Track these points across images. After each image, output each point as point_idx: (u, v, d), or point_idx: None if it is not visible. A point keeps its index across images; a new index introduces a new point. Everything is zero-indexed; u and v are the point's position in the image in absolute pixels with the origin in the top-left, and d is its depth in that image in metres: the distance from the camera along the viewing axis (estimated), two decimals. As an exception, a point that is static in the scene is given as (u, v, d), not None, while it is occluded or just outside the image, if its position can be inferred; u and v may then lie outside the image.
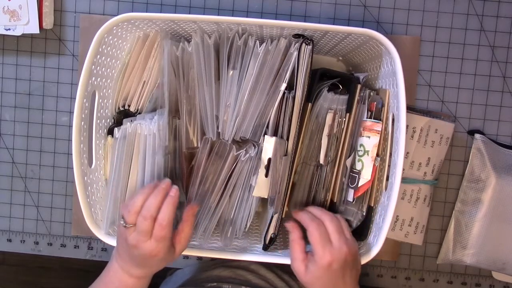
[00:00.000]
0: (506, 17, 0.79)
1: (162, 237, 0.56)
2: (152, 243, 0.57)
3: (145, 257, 0.58)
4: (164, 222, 0.56)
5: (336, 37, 0.66)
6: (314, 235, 0.57)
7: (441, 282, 0.84)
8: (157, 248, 0.57)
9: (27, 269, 1.39)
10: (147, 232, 0.56)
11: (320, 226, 0.58)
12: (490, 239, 0.77)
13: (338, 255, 0.57)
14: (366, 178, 0.63)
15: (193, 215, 0.61)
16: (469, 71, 0.80)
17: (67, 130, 0.83)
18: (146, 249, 0.57)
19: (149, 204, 0.57)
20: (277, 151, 0.62)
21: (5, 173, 0.85)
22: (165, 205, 0.57)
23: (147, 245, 0.57)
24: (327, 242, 0.57)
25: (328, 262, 0.56)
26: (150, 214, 0.56)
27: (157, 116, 0.65)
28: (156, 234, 0.56)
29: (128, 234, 0.57)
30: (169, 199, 0.58)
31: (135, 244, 0.57)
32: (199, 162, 0.67)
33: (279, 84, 0.62)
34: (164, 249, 0.58)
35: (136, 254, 0.58)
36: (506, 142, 0.81)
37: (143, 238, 0.56)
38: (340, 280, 0.58)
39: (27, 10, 0.76)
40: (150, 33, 0.69)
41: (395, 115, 0.61)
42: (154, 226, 0.56)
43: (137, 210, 0.57)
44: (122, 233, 0.58)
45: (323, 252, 0.56)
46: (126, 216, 0.57)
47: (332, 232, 0.58)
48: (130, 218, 0.57)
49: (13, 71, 0.82)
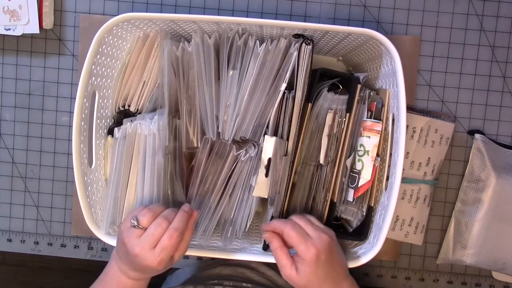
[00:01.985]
0: (506, 17, 0.79)
1: (168, 248, 0.56)
2: (155, 253, 0.56)
3: (145, 264, 0.57)
4: (174, 232, 0.56)
5: (336, 37, 0.66)
6: (292, 235, 0.57)
7: (441, 282, 0.84)
8: (158, 258, 0.56)
9: (27, 269, 1.39)
10: (155, 240, 0.56)
11: (294, 225, 0.58)
12: (490, 239, 0.77)
13: (321, 244, 0.57)
14: (366, 178, 0.63)
15: (194, 222, 0.61)
16: (469, 71, 0.80)
17: (67, 130, 0.83)
18: (148, 258, 0.56)
19: (168, 214, 0.58)
20: (277, 151, 0.62)
21: (5, 173, 0.85)
22: (179, 216, 0.58)
23: (150, 255, 0.56)
24: (306, 236, 0.57)
25: (315, 255, 0.56)
26: (166, 223, 0.56)
27: (157, 116, 0.65)
28: (163, 242, 0.55)
29: (132, 237, 0.56)
30: (187, 215, 0.58)
31: (137, 252, 0.56)
32: (199, 162, 0.67)
33: (279, 84, 0.62)
34: (165, 262, 0.57)
35: (135, 261, 0.57)
36: (506, 142, 0.81)
37: (148, 246, 0.56)
38: (331, 268, 0.58)
39: (27, 10, 0.76)
40: (150, 33, 0.69)
41: (395, 115, 0.61)
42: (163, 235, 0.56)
43: (155, 215, 0.57)
44: (125, 236, 0.57)
45: (306, 247, 0.56)
46: (141, 217, 0.57)
47: (305, 227, 0.58)
48: (145, 221, 0.57)
49: (13, 71, 0.82)
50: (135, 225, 0.57)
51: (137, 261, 0.57)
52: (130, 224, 0.57)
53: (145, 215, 0.57)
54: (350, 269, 0.62)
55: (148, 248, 0.56)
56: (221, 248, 0.66)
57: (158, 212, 0.58)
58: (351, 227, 0.66)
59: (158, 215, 0.58)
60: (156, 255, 0.56)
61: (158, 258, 0.56)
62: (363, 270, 0.85)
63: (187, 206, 0.60)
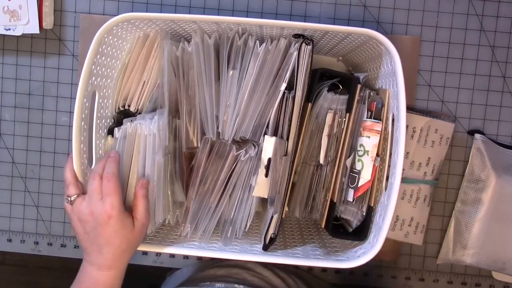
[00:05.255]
0: (506, 17, 0.79)
1: (111, 190, 0.58)
2: (104, 201, 0.57)
3: (102, 224, 0.57)
4: (109, 174, 0.58)
5: (336, 37, 0.66)
6: None
7: (441, 282, 0.84)
8: (109, 205, 0.57)
9: (27, 269, 1.39)
10: (98, 192, 0.58)
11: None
12: (490, 239, 0.77)
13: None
14: (366, 178, 0.63)
15: (143, 188, 0.62)
16: (469, 71, 0.80)
17: (67, 130, 0.83)
18: (100, 210, 0.57)
19: (94, 168, 0.60)
20: (277, 151, 0.62)
21: (5, 173, 0.85)
22: (107, 163, 0.60)
23: (99, 205, 0.57)
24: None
25: None
26: (97, 173, 0.59)
27: (157, 116, 0.65)
28: (105, 188, 0.58)
29: (80, 207, 0.58)
30: (109, 159, 0.61)
31: (89, 211, 0.58)
32: (199, 162, 0.67)
33: (279, 84, 0.62)
34: (118, 208, 0.58)
35: (92, 226, 0.58)
36: (506, 142, 0.81)
37: (95, 199, 0.58)
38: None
39: (27, 10, 0.76)
40: (150, 33, 0.69)
41: (395, 115, 0.61)
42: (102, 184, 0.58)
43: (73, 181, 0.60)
44: (73, 213, 0.59)
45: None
46: (68, 191, 0.59)
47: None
48: (72, 190, 0.59)
49: (13, 71, 0.82)
50: (69, 200, 0.59)
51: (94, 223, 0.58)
52: (67, 203, 0.59)
53: (68, 187, 0.60)
54: (351, 269, 0.62)
55: (96, 200, 0.58)
56: (221, 248, 0.66)
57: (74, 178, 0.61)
58: (351, 227, 0.66)
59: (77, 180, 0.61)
60: (105, 203, 0.57)
61: (108, 205, 0.57)
62: (363, 270, 0.85)
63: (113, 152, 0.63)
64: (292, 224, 0.79)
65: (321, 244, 0.70)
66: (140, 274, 0.95)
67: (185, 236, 0.68)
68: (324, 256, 0.65)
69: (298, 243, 0.70)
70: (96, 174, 0.59)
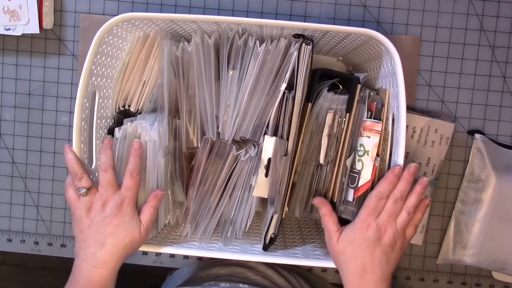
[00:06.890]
0: (506, 17, 0.79)
1: (132, 185, 0.59)
2: (121, 194, 0.59)
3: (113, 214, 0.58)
4: (134, 171, 0.59)
5: (336, 37, 0.66)
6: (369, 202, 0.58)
7: (441, 282, 0.84)
8: (126, 199, 0.58)
9: (27, 269, 1.39)
10: (113, 184, 0.58)
11: (380, 201, 0.57)
12: (490, 239, 0.77)
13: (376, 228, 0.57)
14: (366, 178, 0.63)
15: (156, 198, 0.62)
16: (469, 71, 0.80)
17: (67, 130, 0.83)
18: (115, 202, 0.58)
19: (103, 159, 0.60)
20: (277, 151, 0.62)
21: (5, 173, 0.85)
22: (132, 156, 0.60)
23: (116, 197, 0.58)
24: (376, 213, 0.57)
25: (366, 224, 0.57)
26: (109, 165, 0.59)
27: (157, 123, 0.65)
28: (126, 183, 0.59)
29: (93, 199, 0.58)
30: (134, 151, 0.61)
31: (103, 202, 0.58)
32: (199, 162, 0.67)
33: (279, 84, 0.62)
34: (133, 203, 0.59)
35: (102, 216, 0.58)
36: (506, 142, 0.81)
37: (110, 191, 0.58)
38: (368, 252, 0.57)
39: (27, 10, 0.76)
40: (150, 33, 0.69)
41: (395, 115, 0.61)
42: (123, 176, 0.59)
43: (86, 173, 0.59)
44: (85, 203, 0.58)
45: (366, 215, 0.57)
46: (80, 183, 0.58)
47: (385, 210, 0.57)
48: (84, 182, 0.58)
49: (13, 71, 0.82)
50: (84, 192, 0.58)
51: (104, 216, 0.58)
52: (74, 195, 0.59)
53: (81, 180, 0.59)
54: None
55: (111, 194, 0.58)
56: (221, 248, 0.66)
57: (85, 171, 0.59)
58: (351, 227, 0.66)
59: (87, 172, 0.60)
60: (122, 196, 0.58)
61: (125, 199, 0.58)
62: (363, 270, 0.85)
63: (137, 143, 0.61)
64: (292, 224, 0.79)
65: (321, 244, 0.70)
66: (140, 274, 0.95)
67: (185, 236, 0.68)
68: (324, 256, 0.65)
69: (298, 243, 0.70)
70: (108, 166, 0.59)
